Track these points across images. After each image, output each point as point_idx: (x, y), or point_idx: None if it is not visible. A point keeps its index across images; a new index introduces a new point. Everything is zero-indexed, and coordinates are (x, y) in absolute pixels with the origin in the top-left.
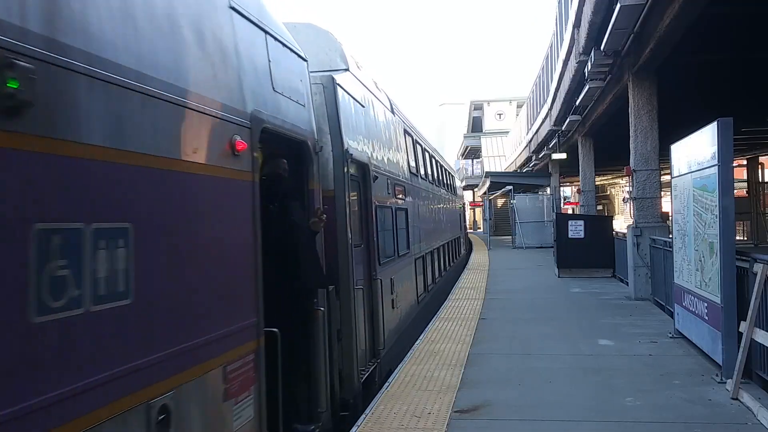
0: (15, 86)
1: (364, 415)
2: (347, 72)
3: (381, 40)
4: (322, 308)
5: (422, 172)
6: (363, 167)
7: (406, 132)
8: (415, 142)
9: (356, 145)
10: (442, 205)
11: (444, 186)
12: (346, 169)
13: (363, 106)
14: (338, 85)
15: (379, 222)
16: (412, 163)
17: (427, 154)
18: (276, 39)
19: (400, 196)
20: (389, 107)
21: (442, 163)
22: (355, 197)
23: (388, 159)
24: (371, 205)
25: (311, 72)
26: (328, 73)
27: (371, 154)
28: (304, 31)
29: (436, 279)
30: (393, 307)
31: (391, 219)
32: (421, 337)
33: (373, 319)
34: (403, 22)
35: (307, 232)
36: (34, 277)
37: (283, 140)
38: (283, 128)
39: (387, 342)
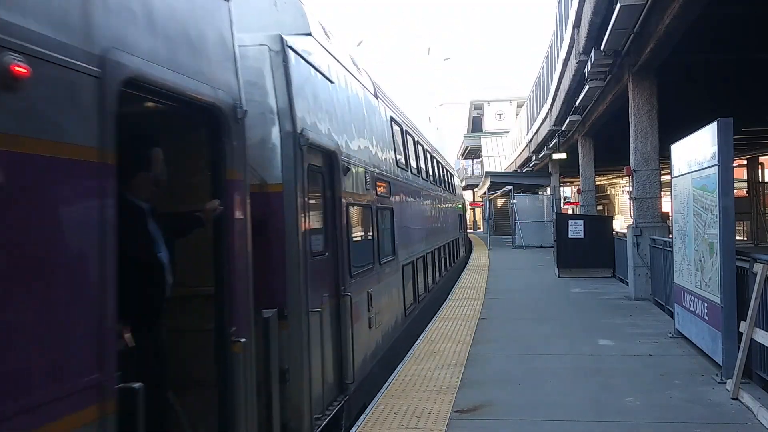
0: None
1: (364, 415)
2: (309, 37)
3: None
4: (243, 339)
5: (415, 167)
6: (329, 155)
7: (393, 120)
8: (405, 133)
9: (319, 127)
10: (441, 205)
11: (442, 184)
12: (299, 156)
13: (332, 82)
14: (292, 48)
15: (352, 224)
16: (401, 157)
17: (421, 148)
18: None
19: (383, 192)
20: (372, 91)
21: (441, 161)
22: (317, 193)
23: (367, 148)
24: (340, 203)
25: (254, 33)
26: (276, 34)
27: (343, 142)
28: None
29: (431, 286)
30: (370, 327)
31: (371, 220)
32: (421, 337)
33: (341, 346)
34: (403, 23)
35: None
36: None
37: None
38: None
39: (360, 371)
